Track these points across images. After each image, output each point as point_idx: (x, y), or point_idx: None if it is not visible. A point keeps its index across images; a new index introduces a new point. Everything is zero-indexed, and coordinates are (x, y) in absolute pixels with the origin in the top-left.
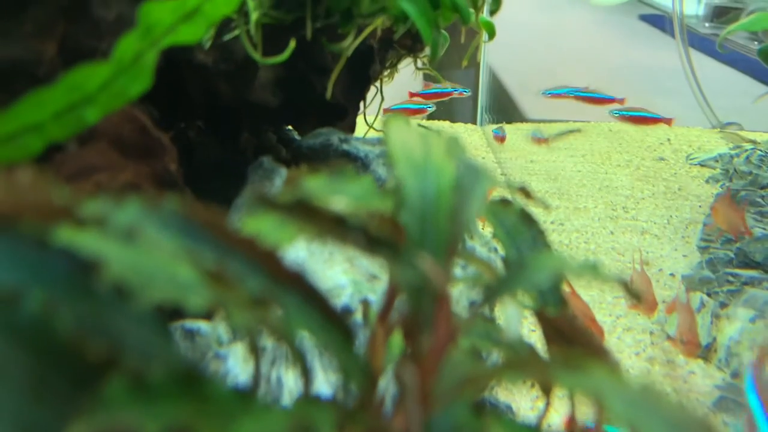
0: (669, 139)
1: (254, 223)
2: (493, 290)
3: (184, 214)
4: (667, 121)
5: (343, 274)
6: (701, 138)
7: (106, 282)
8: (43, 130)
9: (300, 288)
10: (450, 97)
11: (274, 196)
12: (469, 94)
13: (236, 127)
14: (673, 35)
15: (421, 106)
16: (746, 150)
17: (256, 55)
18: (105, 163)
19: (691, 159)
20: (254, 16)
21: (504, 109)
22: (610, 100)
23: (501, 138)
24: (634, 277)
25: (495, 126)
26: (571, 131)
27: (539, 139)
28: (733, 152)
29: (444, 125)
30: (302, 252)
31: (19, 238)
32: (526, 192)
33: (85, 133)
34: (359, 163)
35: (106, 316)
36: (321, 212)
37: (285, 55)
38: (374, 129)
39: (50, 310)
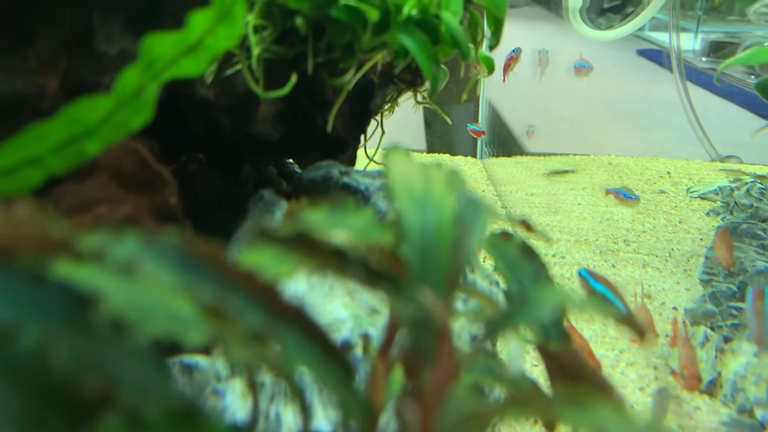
0: (669, 172)
1: (254, 257)
2: (496, 325)
3: (182, 247)
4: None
5: (344, 308)
6: (701, 171)
7: (104, 317)
8: (43, 163)
9: (299, 323)
10: None
11: (274, 229)
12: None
13: (237, 160)
14: (670, 69)
15: None
16: (746, 183)
17: (258, 90)
18: (105, 197)
19: (691, 192)
20: (256, 51)
21: (503, 142)
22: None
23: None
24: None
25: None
26: (566, 171)
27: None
28: (733, 185)
29: (444, 158)
30: (302, 285)
31: (16, 272)
32: (527, 225)
33: (85, 166)
34: (360, 196)
35: (102, 351)
36: (321, 245)
37: (286, 90)
38: (375, 162)
39: (46, 345)
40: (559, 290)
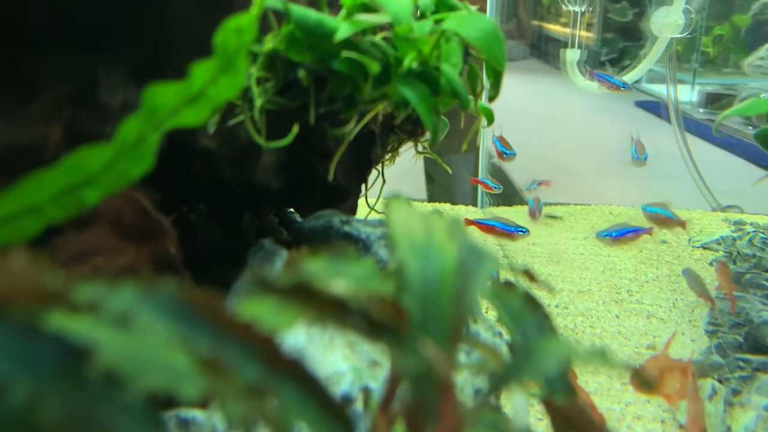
0: None
1: (252, 307)
2: (500, 378)
3: (180, 298)
4: (682, 224)
5: (344, 360)
6: (702, 221)
7: (98, 370)
8: (42, 212)
9: (298, 376)
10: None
11: (274, 279)
12: None
13: (238, 209)
14: (668, 121)
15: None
16: (748, 233)
17: (260, 140)
18: (104, 247)
19: (693, 242)
20: (259, 102)
21: (504, 191)
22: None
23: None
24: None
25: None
26: (554, 217)
27: (534, 211)
28: (735, 235)
29: (445, 207)
30: (301, 337)
31: (9, 324)
32: (530, 275)
33: (85, 215)
34: (360, 245)
35: (95, 406)
36: (321, 295)
37: (288, 140)
38: (376, 211)
39: (36, 400)
40: (563, 342)
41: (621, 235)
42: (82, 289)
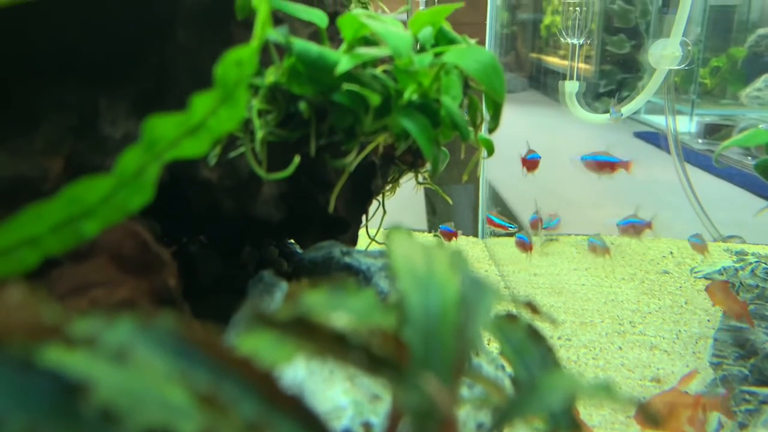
0: (672, 252)
1: (251, 342)
2: (503, 413)
3: (178, 333)
4: (626, 165)
5: (344, 395)
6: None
7: (94, 405)
8: (40, 244)
9: (297, 412)
10: None
11: (273, 313)
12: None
13: (238, 241)
14: (668, 151)
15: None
16: (750, 263)
17: (261, 172)
18: (103, 279)
19: (695, 272)
20: (260, 134)
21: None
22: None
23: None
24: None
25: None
26: (551, 239)
27: (524, 244)
28: (737, 265)
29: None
30: (301, 371)
31: (4, 359)
32: (532, 307)
33: (85, 247)
34: (361, 277)
35: None
36: (320, 329)
37: (289, 171)
38: (376, 242)
39: None
40: (567, 376)
41: (596, 159)
42: (78, 324)
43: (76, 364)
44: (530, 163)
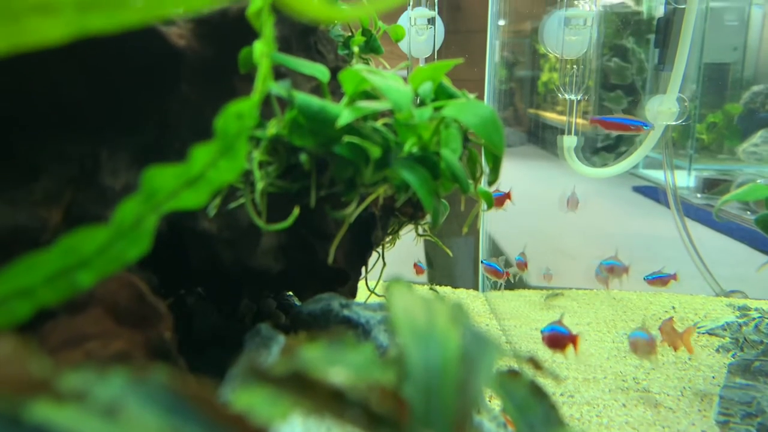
0: (674, 307)
1: (246, 397)
2: None
3: (172, 387)
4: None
5: None
6: (706, 306)
7: None
8: (33, 295)
9: None
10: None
11: (269, 368)
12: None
13: (236, 293)
14: (667, 206)
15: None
16: (754, 318)
17: (261, 223)
18: (97, 331)
19: (698, 328)
20: (260, 185)
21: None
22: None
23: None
24: None
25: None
26: (556, 294)
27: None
28: (741, 320)
29: (446, 290)
30: (298, 428)
31: None
32: (535, 362)
33: (80, 298)
34: (360, 330)
35: None
36: (318, 385)
37: (288, 222)
38: (376, 294)
39: None
40: None
41: (613, 121)
42: (69, 378)
43: (64, 420)
44: (498, 199)
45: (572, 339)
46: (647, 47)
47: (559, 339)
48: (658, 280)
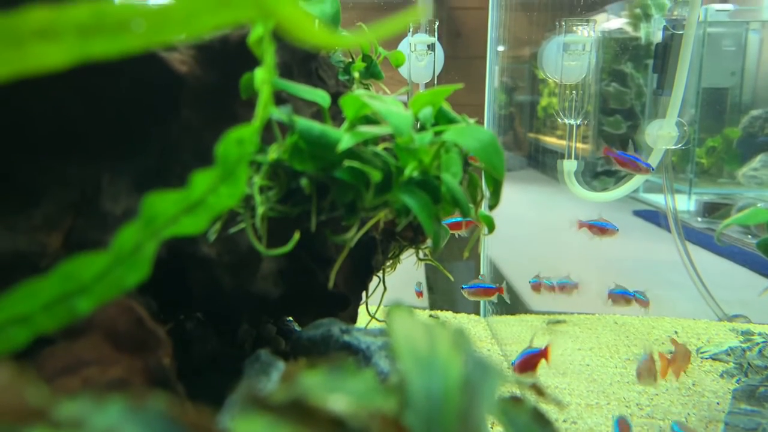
0: (676, 332)
1: (245, 426)
2: None
3: (169, 415)
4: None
5: None
6: (709, 331)
7: None
8: (31, 322)
9: None
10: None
11: (268, 395)
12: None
13: (236, 318)
14: (668, 230)
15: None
16: (758, 343)
17: (261, 247)
18: (96, 358)
19: (701, 353)
20: (260, 210)
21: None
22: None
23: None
24: None
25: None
26: (558, 321)
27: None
28: (744, 345)
29: (447, 315)
30: None
31: None
32: (537, 389)
33: (79, 324)
34: (360, 356)
35: None
36: (318, 413)
37: (288, 247)
38: (376, 319)
39: None
40: None
41: (628, 158)
42: (66, 406)
43: None
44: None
45: (543, 354)
46: (645, 72)
47: (528, 361)
48: (621, 297)
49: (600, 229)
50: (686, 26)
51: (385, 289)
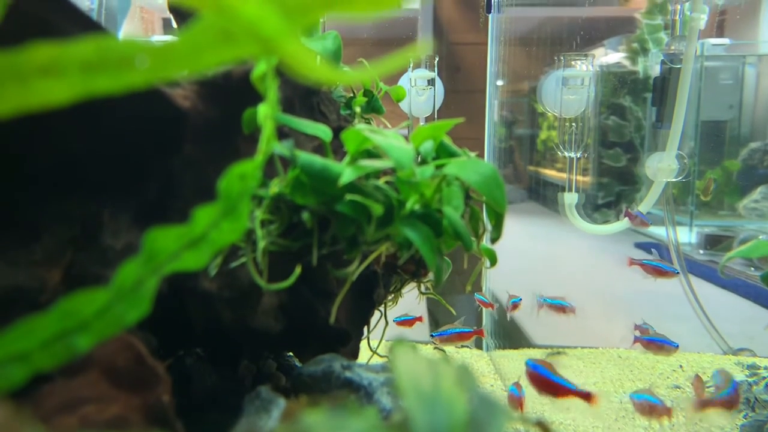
0: (681, 366)
1: None
2: None
3: None
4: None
5: None
6: (714, 364)
7: None
8: (29, 359)
9: None
10: None
11: None
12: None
13: (236, 354)
14: (670, 262)
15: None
16: (764, 377)
17: (262, 282)
18: (94, 395)
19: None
20: (262, 244)
21: (509, 334)
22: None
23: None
24: None
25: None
26: (559, 353)
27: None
28: (750, 380)
29: (449, 349)
30: None
31: None
32: (543, 425)
33: (78, 361)
34: (362, 393)
35: None
36: None
37: (290, 281)
38: (378, 355)
39: None
40: None
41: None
42: None
43: None
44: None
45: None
46: (644, 105)
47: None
48: (559, 307)
49: (656, 270)
50: (684, 60)
51: (386, 323)
